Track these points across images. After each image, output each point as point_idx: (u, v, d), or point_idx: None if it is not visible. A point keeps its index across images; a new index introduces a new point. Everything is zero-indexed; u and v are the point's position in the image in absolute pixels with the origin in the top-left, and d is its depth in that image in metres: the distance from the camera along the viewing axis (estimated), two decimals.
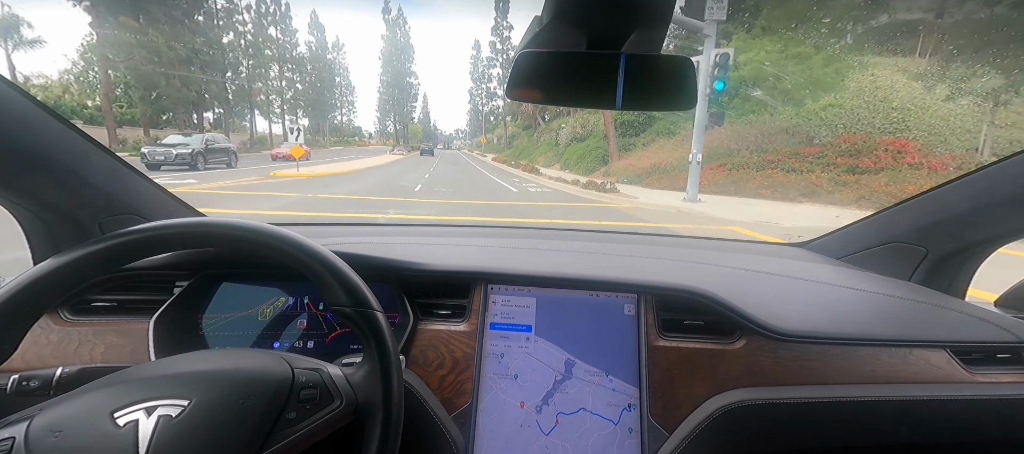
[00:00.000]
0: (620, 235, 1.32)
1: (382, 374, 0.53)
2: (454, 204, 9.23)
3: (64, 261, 0.48)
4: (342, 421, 0.51)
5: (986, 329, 0.82)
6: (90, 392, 0.46)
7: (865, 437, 0.79)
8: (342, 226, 1.22)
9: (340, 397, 0.51)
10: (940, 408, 0.76)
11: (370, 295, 0.56)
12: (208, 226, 0.54)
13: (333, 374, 0.53)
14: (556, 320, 0.81)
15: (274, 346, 0.80)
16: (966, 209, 0.89)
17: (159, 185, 0.90)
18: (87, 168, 0.74)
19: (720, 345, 0.78)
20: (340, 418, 0.50)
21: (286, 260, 0.55)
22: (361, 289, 0.55)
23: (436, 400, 0.75)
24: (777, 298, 0.83)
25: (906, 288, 0.94)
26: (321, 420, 0.49)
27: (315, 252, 0.55)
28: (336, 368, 0.55)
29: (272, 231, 0.55)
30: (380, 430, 0.51)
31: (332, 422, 0.50)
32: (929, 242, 0.98)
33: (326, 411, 0.49)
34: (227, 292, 0.82)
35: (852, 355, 0.78)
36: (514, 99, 0.56)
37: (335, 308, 0.55)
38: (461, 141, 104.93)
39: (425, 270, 0.81)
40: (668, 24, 0.49)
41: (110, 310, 0.79)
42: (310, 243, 0.56)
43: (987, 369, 0.80)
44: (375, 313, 0.55)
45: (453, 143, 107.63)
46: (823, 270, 1.02)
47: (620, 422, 0.75)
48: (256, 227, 0.55)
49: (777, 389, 0.75)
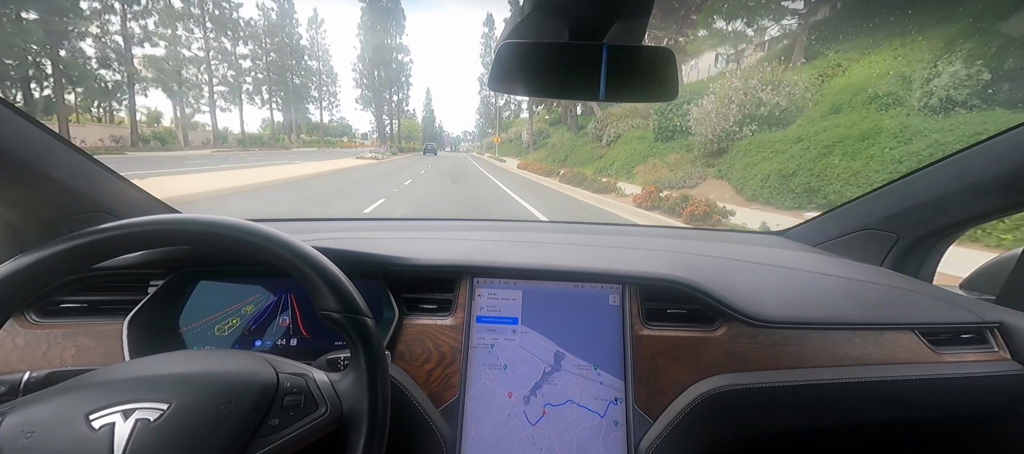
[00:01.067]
0: (603, 226, 1.33)
1: (369, 382, 0.52)
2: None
3: (28, 261, 0.46)
4: (326, 429, 0.50)
5: (951, 311, 0.85)
6: (65, 392, 0.45)
7: (840, 417, 0.82)
8: (324, 221, 1.20)
9: (325, 404, 0.50)
10: (909, 387, 0.80)
11: (359, 300, 0.54)
12: (188, 223, 0.52)
13: (318, 380, 0.52)
14: (542, 312, 0.81)
15: (256, 345, 0.78)
16: (934, 196, 0.93)
17: (130, 181, 0.86)
18: (50, 164, 0.70)
19: (702, 332, 0.80)
20: (324, 426, 0.49)
21: (271, 259, 0.53)
22: (350, 293, 0.54)
23: (423, 395, 0.75)
24: (756, 285, 0.85)
25: (878, 273, 0.97)
26: (305, 428, 0.48)
27: (301, 251, 0.53)
28: (322, 374, 0.53)
29: (256, 229, 0.53)
30: (365, 439, 0.50)
31: (316, 430, 0.48)
32: (900, 228, 1.01)
33: (310, 418, 0.48)
34: (204, 291, 0.79)
35: (827, 339, 0.80)
36: (496, 91, 0.55)
37: (323, 313, 0.53)
38: (468, 143, 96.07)
39: (410, 265, 0.81)
40: (649, 15, 0.49)
41: (81, 311, 0.76)
42: (296, 241, 0.54)
43: (952, 349, 0.84)
44: (365, 319, 0.53)
45: (459, 145, 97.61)
46: (800, 257, 1.05)
47: (606, 415, 0.76)
48: (239, 225, 0.53)
49: (757, 374, 0.77)
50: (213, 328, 0.78)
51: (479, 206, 9.01)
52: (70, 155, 0.74)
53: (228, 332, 0.78)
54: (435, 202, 9.39)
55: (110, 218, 0.79)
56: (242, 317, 0.79)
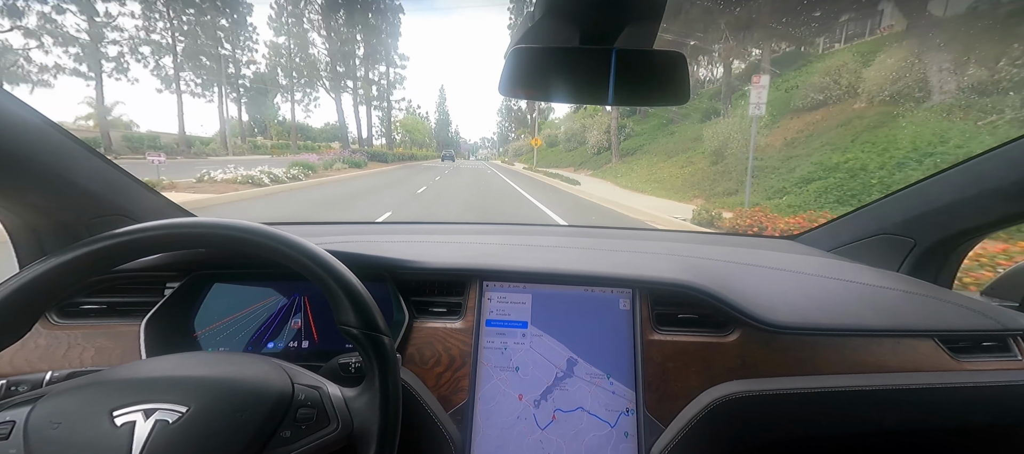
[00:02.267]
0: (613, 230, 1.32)
1: (381, 403, 0.52)
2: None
3: (54, 264, 0.47)
4: (336, 446, 0.50)
5: (972, 318, 0.83)
6: (92, 386, 0.46)
7: (856, 425, 0.80)
8: (335, 224, 1.21)
9: (337, 420, 0.50)
10: (928, 396, 0.78)
11: (380, 318, 0.54)
12: (221, 228, 0.53)
13: (333, 394, 0.52)
14: (552, 316, 0.81)
15: (268, 347, 0.79)
16: (953, 200, 0.91)
17: (147, 185, 0.88)
18: (71, 168, 0.73)
19: (714, 338, 0.79)
20: (334, 442, 0.49)
21: (295, 267, 0.53)
22: (371, 310, 0.54)
23: (433, 398, 0.75)
24: (769, 290, 0.84)
25: (895, 279, 0.95)
26: (315, 443, 0.48)
27: (328, 263, 0.54)
28: (336, 388, 0.53)
29: (277, 235, 0.53)
30: None
31: (325, 446, 0.49)
32: (917, 233, 0.99)
33: (321, 434, 0.49)
34: (219, 292, 0.81)
35: (843, 346, 0.79)
36: (506, 95, 0.56)
37: (343, 327, 0.53)
38: (487, 149, 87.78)
39: (420, 268, 0.81)
40: (660, 19, 0.49)
41: (99, 312, 0.78)
42: (321, 251, 0.54)
43: (973, 357, 0.82)
44: (383, 338, 0.53)
45: (477, 152, 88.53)
46: (814, 262, 1.03)
47: (617, 425, 0.75)
48: (261, 230, 0.53)
49: (770, 380, 0.76)
50: (227, 329, 0.79)
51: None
52: (90, 160, 0.76)
53: (241, 334, 0.79)
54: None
55: (130, 221, 0.81)
56: (255, 319, 0.80)
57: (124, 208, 0.82)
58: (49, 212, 0.74)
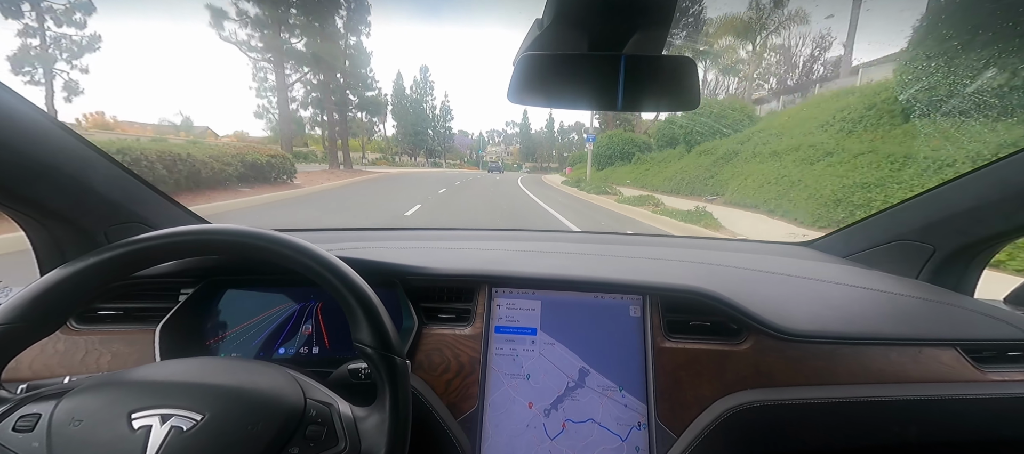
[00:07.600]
0: (623, 236, 1.32)
1: (390, 427, 0.51)
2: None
3: (75, 270, 0.49)
4: None
5: (997, 326, 0.81)
6: (114, 386, 0.47)
7: (875, 437, 0.78)
8: (345, 231, 1.22)
9: (345, 440, 0.50)
10: (952, 407, 0.75)
11: (395, 337, 0.54)
12: (242, 236, 0.53)
13: (343, 413, 0.52)
14: (561, 323, 0.80)
15: (280, 352, 0.80)
16: (973, 205, 0.88)
17: (164, 192, 0.90)
18: (91, 177, 0.74)
19: (727, 346, 0.77)
20: None
21: (307, 274, 0.54)
22: (387, 329, 0.54)
23: (442, 405, 0.75)
24: (784, 297, 0.83)
25: (914, 286, 0.93)
26: None
27: (340, 270, 0.54)
28: (347, 407, 0.53)
29: (296, 244, 0.54)
30: None
31: None
32: (936, 239, 0.97)
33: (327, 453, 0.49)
34: (232, 298, 0.82)
35: (861, 354, 0.77)
36: (514, 102, 0.56)
37: (359, 345, 0.53)
38: (503, 159, 71.81)
39: (429, 274, 0.81)
40: (669, 25, 0.49)
41: (116, 318, 0.80)
42: (343, 265, 0.54)
43: (998, 367, 0.79)
44: (397, 359, 0.53)
45: (503, 164, 70.64)
46: (829, 269, 1.01)
47: (628, 439, 0.74)
48: (280, 239, 0.54)
49: (785, 389, 0.74)
50: (240, 335, 0.80)
51: None
52: (108, 167, 0.78)
53: (254, 339, 0.80)
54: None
55: (147, 228, 0.83)
56: (267, 324, 0.81)
57: (141, 215, 0.84)
58: (70, 219, 0.76)
